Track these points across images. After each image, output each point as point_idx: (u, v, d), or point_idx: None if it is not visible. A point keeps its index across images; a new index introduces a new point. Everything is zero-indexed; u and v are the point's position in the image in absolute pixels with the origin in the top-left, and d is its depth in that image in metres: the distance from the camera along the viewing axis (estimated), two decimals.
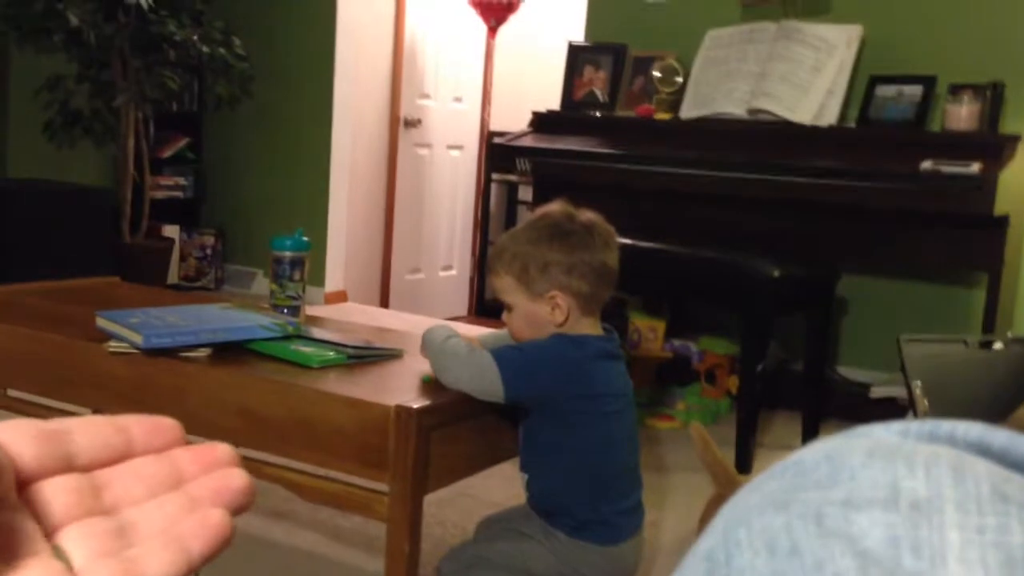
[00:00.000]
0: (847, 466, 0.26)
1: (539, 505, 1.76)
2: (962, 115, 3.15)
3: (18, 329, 1.92)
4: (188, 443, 0.32)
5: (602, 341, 1.72)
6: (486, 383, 1.63)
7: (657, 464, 2.79)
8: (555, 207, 1.74)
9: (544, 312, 1.69)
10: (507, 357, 1.65)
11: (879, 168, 3.04)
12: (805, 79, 3.34)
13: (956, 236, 3.10)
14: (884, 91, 3.33)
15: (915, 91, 3.28)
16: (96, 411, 1.95)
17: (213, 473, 0.31)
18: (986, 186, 2.84)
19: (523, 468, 1.76)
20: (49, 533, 0.28)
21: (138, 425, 0.31)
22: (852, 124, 3.37)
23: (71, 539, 0.29)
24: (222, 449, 0.32)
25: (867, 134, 3.28)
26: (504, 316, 1.77)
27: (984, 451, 0.26)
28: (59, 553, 0.28)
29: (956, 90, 3.19)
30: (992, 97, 3.15)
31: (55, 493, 0.29)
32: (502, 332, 1.86)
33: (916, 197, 2.94)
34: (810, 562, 0.24)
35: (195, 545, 0.29)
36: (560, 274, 1.67)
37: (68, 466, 0.30)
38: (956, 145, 3.06)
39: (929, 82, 3.28)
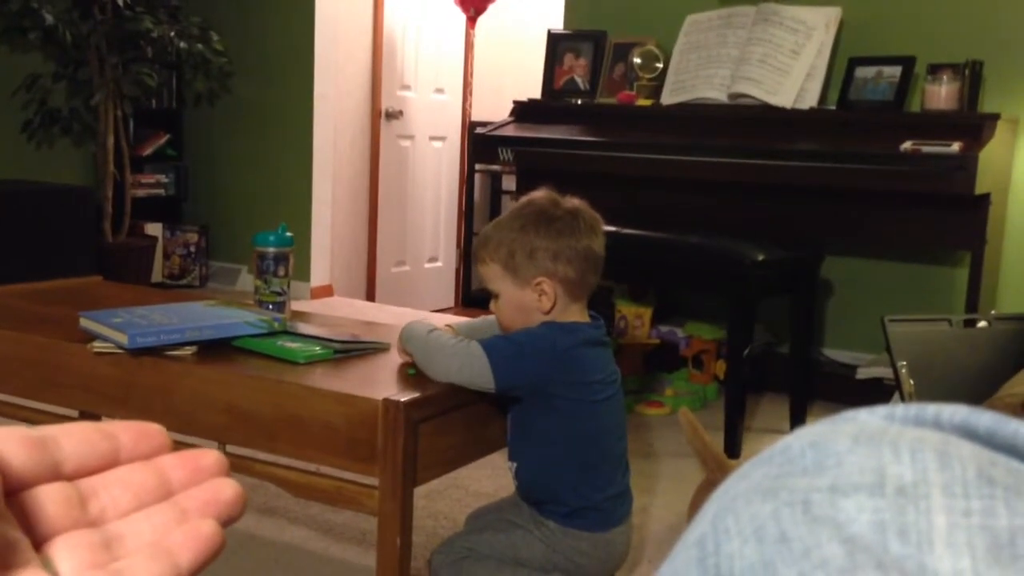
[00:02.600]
0: (833, 452, 0.26)
1: (528, 494, 1.76)
2: (941, 95, 3.17)
3: (1, 331, 1.91)
4: (174, 449, 0.32)
5: (591, 328, 1.73)
6: (476, 374, 1.63)
7: (646, 450, 2.80)
8: (540, 194, 1.74)
9: (531, 299, 1.69)
10: (496, 347, 1.65)
11: (860, 150, 3.05)
12: (784, 62, 3.35)
13: (938, 216, 3.12)
14: (863, 72, 3.34)
15: (894, 72, 3.29)
16: (82, 413, 1.94)
17: (203, 484, 0.31)
18: (967, 165, 2.86)
19: (511, 457, 1.76)
20: (37, 543, 0.28)
21: (125, 432, 0.31)
22: (832, 106, 3.38)
23: (59, 550, 0.28)
24: (211, 456, 0.31)
25: (847, 116, 3.29)
26: (492, 304, 1.77)
27: (970, 434, 0.26)
28: (48, 564, 0.28)
29: (935, 70, 3.20)
30: (971, 76, 3.16)
31: (43, 502, 0.29)
32: (477, 320, 1.86)
33: (897, 178, 2.95)
34: (798, 548, 0.24)
35: (184, 558, 0.29)
36: (546, 260, 1.67)
37: (56, 474, 0.29)
38: (936, 125, 3.07)
39: (908, 62, 3.29)
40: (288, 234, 2.10)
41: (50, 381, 1.85)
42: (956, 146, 2.90)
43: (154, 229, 5.00)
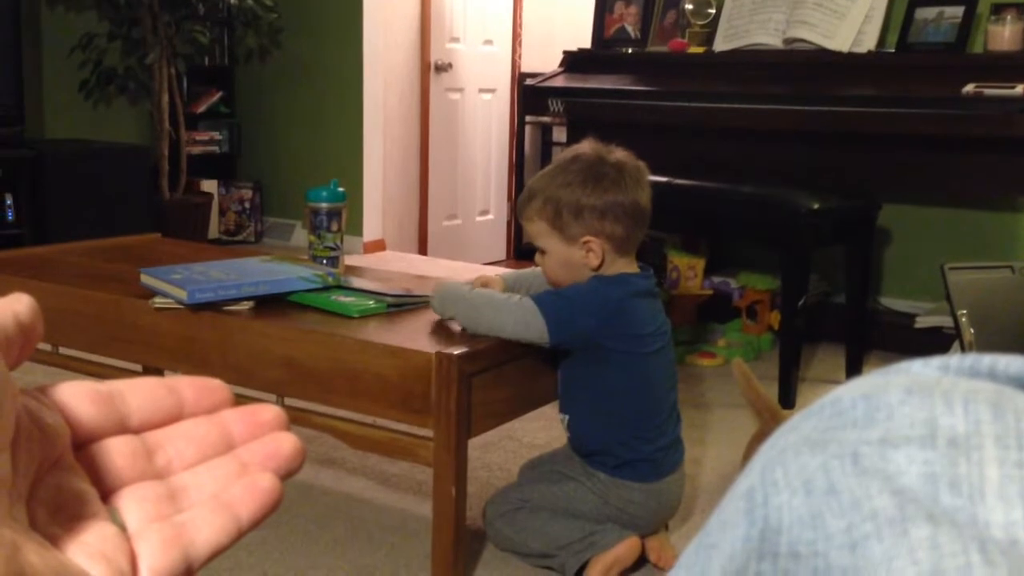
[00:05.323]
0: (884, 404, 0.26)
1: (580, 446, 1.77)
2: (1005, 36, 3.07)
3: (65, 288, 1.96)
4: (236, 404, 0.32)
5: (641, 279, 1.72)
6: (531, 330, 1.63)
7: (699, 401, 2.80)
8: (585, 147, 1.72)
9: (579, 257, 1.69)
10: (549, 302, 1.66)
11: (920, 94, 2.97)
12: (842, 4, 3.26)
13: (1000, 161, 3.03)
14: (924, 13, 3.24)
15: (956, 12, 3.19)
16: (145, 367, 1.99)
17: (264, 437, 0.31)
18: None
19: (563, 409, 1.77)
20: (104, 495, 0.29)
21: (188, 386, 0.32)
22: (891, 49, 3.28)
23: (126, 502, 0.29)
24: (271, 411, 0.32)
25: (907, 59, 3.20)
26: (538, 259, 1.77)
27: None
28: (115, 515, 0.29)
29: (999, 10, 3.10)
30: None
31: (110, 455, 0.30)
32: (526, 271, 1.87)
33: (958, 122, 2.88)
34: (847, 500, 0.24)
35: (244, 511, 0.30)
36: (594, 219, 1.66)
37: (122, 427, 0.30)
38: (999, 67, 2.98)
39: (971, 2, 3.18)
40: (340, 189, 2.12)
41: (114, 336, 1.90)
42: (1020, 88, 2.81)
43: (209, 186, 5.07)
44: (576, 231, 1.67)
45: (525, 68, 5.33)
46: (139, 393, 0.31)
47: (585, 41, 3.94)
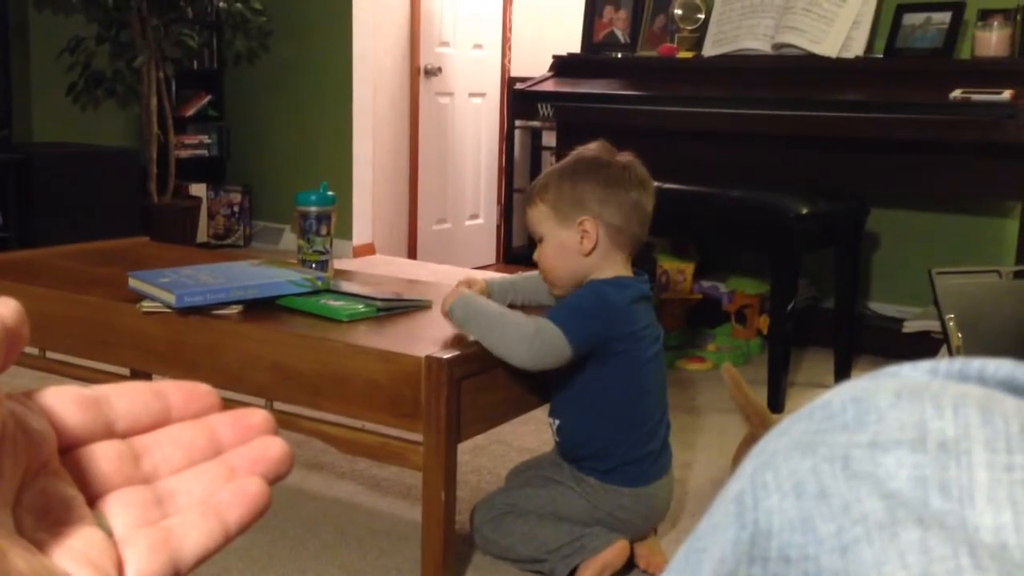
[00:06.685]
0: (874, 408, 0.26)
1: (569, 451, 1.77)
2: (992, 41, 3.08)
3: (53, 292, 1.95)
4: (223, 407, 0.32)
5: (639, 283, 1.73)
6: (546, 338, 1.62)
7: (689, 406, 2.80)
8: (594, 145, 1.77)
9: (573, 241, 1.70)
10: (556, 315, 1.66)
11: (908, 99, 2.98)
12: (830, 10, 3.27)
13: (988, 165, 3.05)
14: (911, 19, 3.26)
15: (943, 18, 3.21)
16: (133, 371, 1.98)
17: (251, 442, 0.31)
18: (1018, 113, 2.79)
19: (553, 414, 1.77)
20: (91, 500, 0.29)
21: (175, 391, 0.31)
22: (879, 55, 3.30)
23: (112, 507, 0.29)
24: (259, 415, 0.32)
25: (895, 65, 3.22)
26: (536, 254, 1.79)
27: (1014, 389, 0.26)
28: (101, 521, 0.29)
29: (986, 16, 3.12)
30: (1023, 22, 3.07)
31: (96, 460, 0.29)
32: (517, 277, 1.87)
33: (946, 127, 2.89)
34: (837, 504, 0.24)
35: (232, 515, 0.29)
36: (593, 203, 1.70)
37: (108, 432, 0.30)
38: (986, 73, 2.99)
39: (957, 8, 3.20)
40: (330, 193, 2.12)
41: (101, 340, 1.89)
42: (1007, 94, 2.83)
43: (198, 190, 5.05)
44: (574, 213, 1.70)
45: (515, 72, 5.34)
46: (126, 398, 0.30)
47: (575, 46, 3.95)
